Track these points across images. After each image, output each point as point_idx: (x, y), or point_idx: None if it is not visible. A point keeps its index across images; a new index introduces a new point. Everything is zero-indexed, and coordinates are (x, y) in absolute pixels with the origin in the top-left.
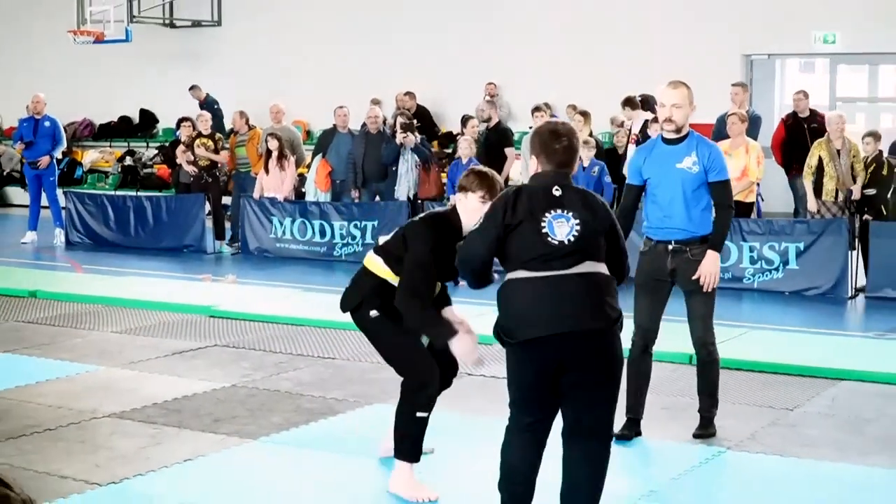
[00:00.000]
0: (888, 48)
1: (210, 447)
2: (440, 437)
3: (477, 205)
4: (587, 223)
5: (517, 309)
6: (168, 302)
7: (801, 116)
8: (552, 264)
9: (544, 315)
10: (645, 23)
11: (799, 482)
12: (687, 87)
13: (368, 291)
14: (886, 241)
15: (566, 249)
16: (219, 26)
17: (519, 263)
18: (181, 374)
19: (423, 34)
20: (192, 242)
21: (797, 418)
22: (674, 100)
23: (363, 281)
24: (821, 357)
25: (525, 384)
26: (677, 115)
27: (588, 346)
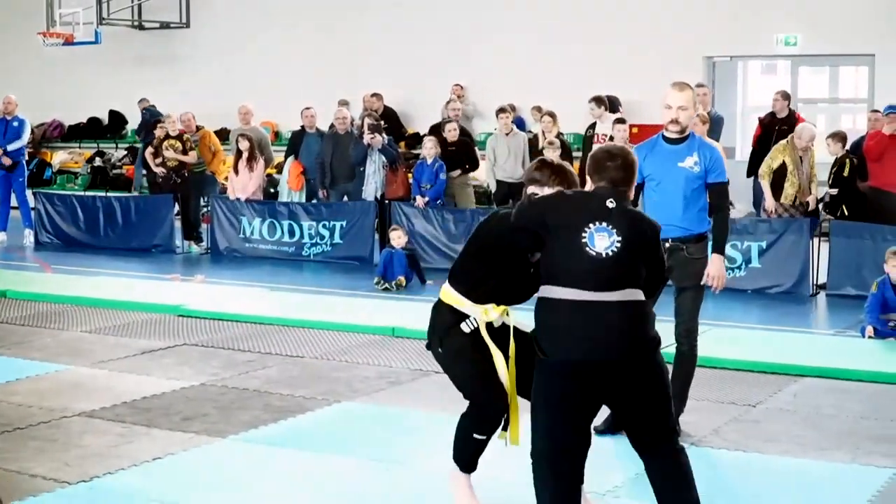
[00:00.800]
0: (848, 50)
1: (180, 445)
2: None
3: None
4: (630, 243)
5: (551, 327)
6: (137, 301)
7: (778, 118)
8: (589, 282)
9: (581, 338)
10: (608, 25)
11: (761, 477)
12: (692, 88)
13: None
14: (847, 239)
15: (605, 263)
16: (187, 28)
17: (555, 277)
18: (151, 373)
19: (390, 35)
20: (161, 242)
21: (759, 414)
22: (680, 102)
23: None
24: (782, 354)
25: (567, 409)
26: (683, 117)
27: (628, 376)
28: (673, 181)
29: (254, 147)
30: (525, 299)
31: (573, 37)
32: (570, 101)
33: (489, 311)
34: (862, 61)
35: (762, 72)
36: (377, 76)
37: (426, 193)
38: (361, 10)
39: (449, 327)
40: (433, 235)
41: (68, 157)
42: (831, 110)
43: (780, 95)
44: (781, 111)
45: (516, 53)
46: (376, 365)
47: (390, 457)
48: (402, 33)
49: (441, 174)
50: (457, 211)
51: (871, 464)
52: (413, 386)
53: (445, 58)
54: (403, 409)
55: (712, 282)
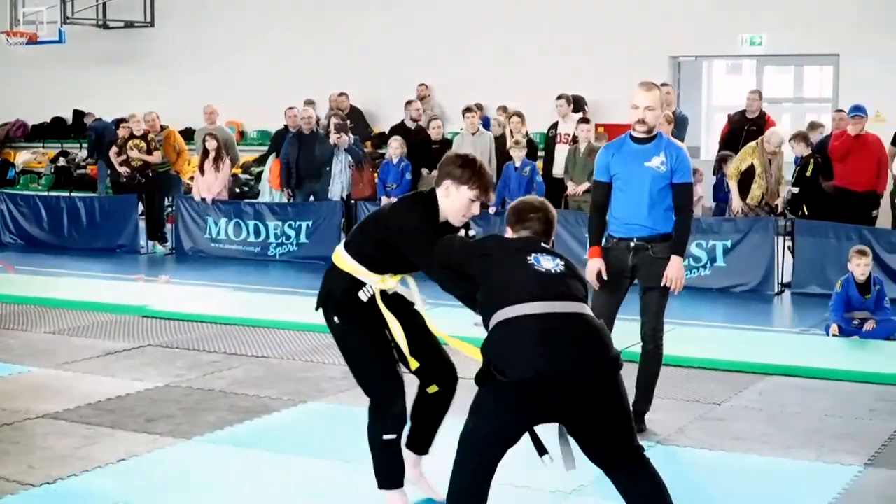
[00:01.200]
0: (813, 49)
1: (144, 447)
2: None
3: (466, 201)
4: (569, 266)
5: (511, 344)
6: (102, 302)
7: (748, 117)
8: (544, 293)
9: (543, 353)
10: (574, 24)
11: (726, 475)
12: (659, 88)
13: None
14: (811, 238)
15: (554, 278)
16: (152, 27)
17: (505, 297)
18: (115, 375)
19: (355, 35)
20: (125, 243)
21: (725, 412)
22: (647, 102)
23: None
24: (748, 352)
25: (503, 424)
26: (650, 117)
27: (590, 392)
28: (639, 180)
29: (220, 147)
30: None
31: (539, 36)
32: (535, 100)
33: (387, 279)
34: (827, 61)
35: (727, 71)
36: (343, 75)
37: (392, 193)
38: (327, 9)
39: (345, 293)
40: None
41: (32, 157)
42: (796, 110)
43: (757, 95)
44: (755, 111)
45: (482, 53)
46: (342, 365)
47: (356, 457)
48: (368, 33)
49: (407, 174)
50: None
51: (837, 462)
52: None
53: (411, 57)
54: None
55: (670, 283)
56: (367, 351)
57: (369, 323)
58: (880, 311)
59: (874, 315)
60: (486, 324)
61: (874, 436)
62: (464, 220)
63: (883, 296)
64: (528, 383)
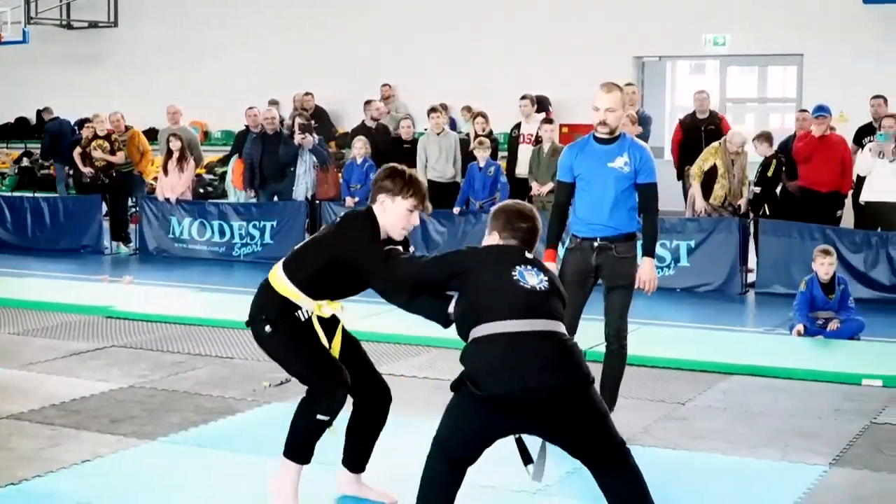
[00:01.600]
0: (777, 50)
1: (109, 448)
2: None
3: (404, 212)
4: (553, 283)
5: (488, 362)
6: (66, 303)
7: (699, 118)
8: (524, 312)
9: (515, 373)
10: (538, 25)
11: (691, 474)
12: (620, 89)
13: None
14: (775, 238)
15: (538, 296)
16: (115, 27)
17: (487, 311)
18: (79, 375)
19: (319, 34)
20: (89, 243)
21: (689, 412)
22: (608, 104)
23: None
24: (712, 352)
25: (475, 429)
26: (611, 119)
27: (562, 409)
28: (603, 181)
29: (184, 147)
30: (359, 292)
31: (503, 37)
32: (499, 101)
33: (323, 307)
34: (790, 61)
35: (691, 72)
36: (307, 76)
37: (356, 193)
38: (289, 10)
39: (280, 312)
40: None
41: None
42: (760, 110)
43: (705, 95)
44: (704, 111)
45: (446, 53)
46: None
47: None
48: (332, 34)
49: (371, 174)
50: None
51: (801, 461)
52: None
53: (375, 58)
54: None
55: (644, 285)
56: (304, 346)
57: (303, 337)
58: (844, 311)
59: (838, 315)
60: (465, 335)
61: (839, 435)
62: (405, 233)
63: (847, 295)
64: (499, 398)
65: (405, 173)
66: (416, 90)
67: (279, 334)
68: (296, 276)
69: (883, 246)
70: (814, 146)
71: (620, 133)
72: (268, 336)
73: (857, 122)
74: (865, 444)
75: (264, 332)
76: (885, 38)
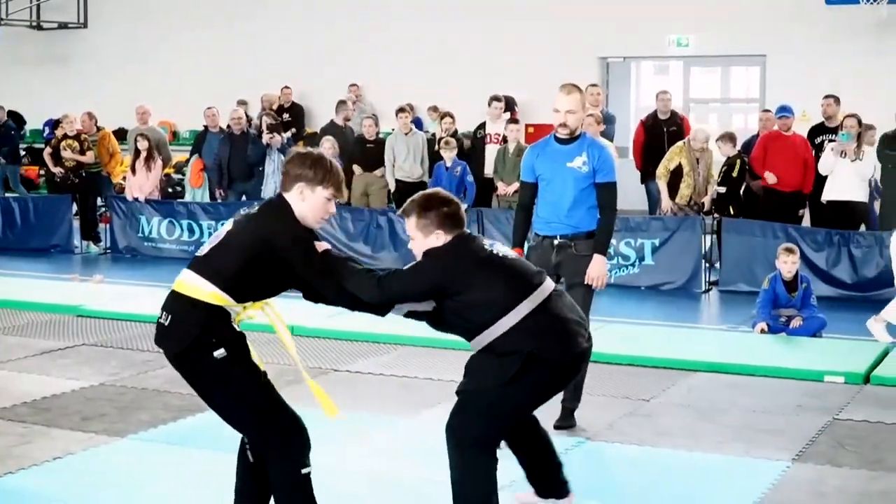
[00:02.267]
0: (740, 51)
1: (79, 445)
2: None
3: (324, 202)
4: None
5: (553, 331)
6: (36, 302)
7: (661, 118)
8: (533, 278)
9: (574, 328)
10: (504, 26)
11: (655, 470)
12: (580, 91)
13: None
14: (738, 237)
15: (525, 262)
16: (85, 28)
17: (515, 294)
18: (50, 373)
19: (288, 35)
20: (59, 242)
21: (653, 408)
22: (568, 106)
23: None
24: (676, 349)
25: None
26: (571, 120)
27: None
28: (562, 180)
29: (152, 147)
30: (282, 291)
31: (470, 38)
32: (466, 101)
33: (248, 308)
34: (753, 62)
35: (655, 72)
36: (276, 76)
37: None
38: (260, 10)
39: (219, 327)
40: (331, 234)
41: None
42: (723, 110)
43: (668, 95)
44: (665, 112)
45: (414, 54)
46: (276, 364)
47: None
48: (301, 34)
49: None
50: (355, 210)
51: (764, 457)
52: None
53: (343, 58)
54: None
55: (593, 282)
56: (252, 384)
57: (240, 357)
58: (807, 309)
59: (801, 312)
60: (476, 332)
61: (801, 431)
62: (322, 223)
63: (809, 293)
64: (580, 355)
65: (325, 161)
66: (383, 90)
67: (231, 363)
68: (216, 278)
69: (845, 244)
70: (777, 146)
71: (581, 133)
72: (217, 363)
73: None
74: (827, 440)
75: (212, 359)
76: (847, 37)
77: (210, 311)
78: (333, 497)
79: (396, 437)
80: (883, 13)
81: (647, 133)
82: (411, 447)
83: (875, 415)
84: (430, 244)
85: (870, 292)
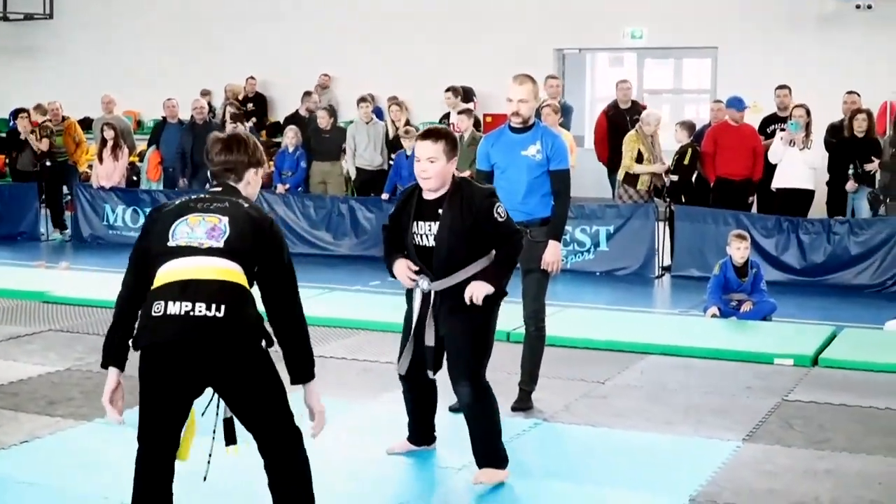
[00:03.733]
0: (692, 43)
1: (46, 429)
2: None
3: (259, 179)
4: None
5: None
6: (2, 288)
7: (622, 108)
8: None
9: None
10: (464, 19)
11: (610, 450)
12: (532, 81)
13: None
14: (690, 224)
15: None
16: (51, 19)
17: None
18: (17, 359)
19: (256, 25)
20: (26, 230)
21: (608, 390)
22: (520, 95)
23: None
24: (629, 333)
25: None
26: (523, 109)
27: None
28: (517, 168)
29: (118, 136)
30: None
31: (431, 29)
32: (427, 91)
33: None
34: (705, 53)
35: (610, 64)
36: (242, 65)
37: (287, 181)
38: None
39: (263, 330)
40: (294, 221)
41: None
42: (675, 100)
43: (628, 85)
44: (626, 101)
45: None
46: None
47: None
48: (265, 25)
49: (302, 162)
50: (317, 197)
51: (715, 437)
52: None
53: (308, 50)
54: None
55: (548, 267)
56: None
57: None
58: (757, 293)
59: (751, 297)
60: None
61: (751, 412)
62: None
63: (759, 278)
64: None
65: (255, 140)
66: (344, 80)
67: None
68: (245, 267)
69: (794, 231)
70: (727, 135)
71: (535, 122)
72: (268, 354)
73: (769, 112)
74: (777, 421)
75: (266, 350)
76: (794, 30)
77: (247, 295)
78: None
79: (357, 420)
80: (829, 7)
81: (610, 123)
82: (372, 430)
83: (823, 396)
84: (450, 169)
85: (818, 277)
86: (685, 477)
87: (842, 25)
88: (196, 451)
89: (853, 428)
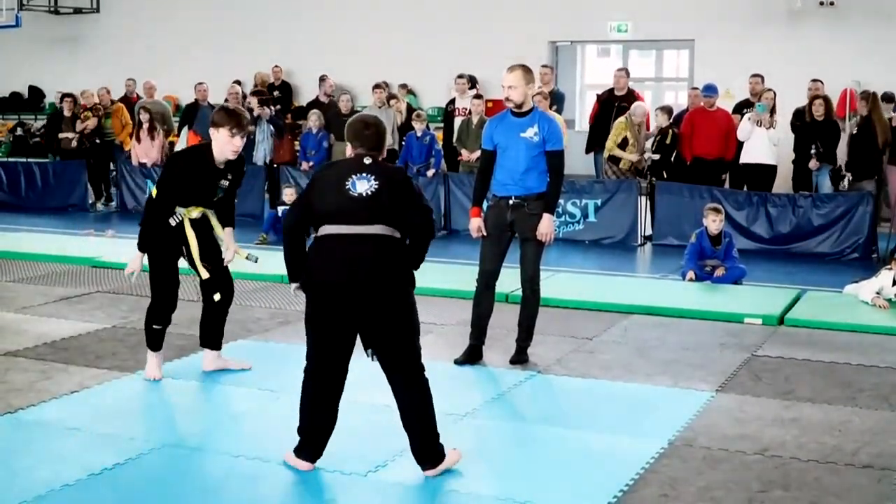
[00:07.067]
0: (672, 35)
1: (94, 380)
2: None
3: (227, 137)
4: (385, 186)
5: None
6: (56, 254)
7: (618, 94)
8: (353, 217)
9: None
10: (467, 12)
11: (597, 398)
12: (523, 69)
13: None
14: (669, 197)
15: (365, 202)
16: (97, 13)
17: (328, 216)
18: (68, 317)
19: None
20: (76, 202)
21: (595, 346)
22: (510, 82)
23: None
24: (614, 295)
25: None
26: (513, 94)
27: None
28: (516, 148)
29: (153, 118)
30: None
31: (438, 22)
32: (433, 78)
33: (191, 210)
34: (683, 45)
35: (598, 55)
36: (269, 55)
37: (311, 159)
38: None
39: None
40: None
41: None
42: (656, 88)
43: (624, 73)
44: (622, 88)
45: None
46: (268, 307)
47: (277, 386)
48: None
49: (324, 142)
50: None
51: (691, 388)
52: (300, 325)
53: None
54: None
55: (543, 238)
56: (160, 265)
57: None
58: (729, 260)
59: (724, 263)
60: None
61: (723, 366)
62: (234, 155)
63: (731, 246)
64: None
65: (227, 107)
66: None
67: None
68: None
69: (762, 204)
70: (703, 119)
71: (533, 107)
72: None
73: (742, 98)
74: (747, 374)
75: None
76: (765, 25)
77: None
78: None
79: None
80: (797, 3)
81: (602, 108)
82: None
83: (788, 352)
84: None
85: (784, 246)
86: (664, 423)
87: (808, 20)
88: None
89: (816, 380)
